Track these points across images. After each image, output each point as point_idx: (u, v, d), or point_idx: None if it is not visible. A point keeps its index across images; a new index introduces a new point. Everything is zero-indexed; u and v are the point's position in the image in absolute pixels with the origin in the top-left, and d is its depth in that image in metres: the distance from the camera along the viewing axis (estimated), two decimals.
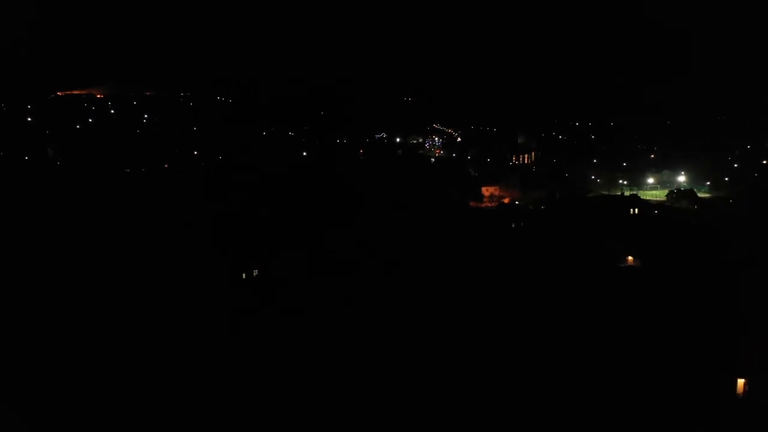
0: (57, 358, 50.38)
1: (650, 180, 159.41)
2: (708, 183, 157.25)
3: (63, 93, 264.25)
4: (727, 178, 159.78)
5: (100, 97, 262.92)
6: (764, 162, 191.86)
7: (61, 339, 53.44)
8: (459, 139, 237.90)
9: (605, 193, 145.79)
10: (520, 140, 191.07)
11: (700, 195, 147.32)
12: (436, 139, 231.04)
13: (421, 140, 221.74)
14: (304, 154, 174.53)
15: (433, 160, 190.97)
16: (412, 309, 62.23)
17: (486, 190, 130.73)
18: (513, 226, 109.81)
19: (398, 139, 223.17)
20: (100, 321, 56.71)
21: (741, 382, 51.28)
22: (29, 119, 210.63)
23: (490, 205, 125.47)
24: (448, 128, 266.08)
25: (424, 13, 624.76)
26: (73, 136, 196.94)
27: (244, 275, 68.23)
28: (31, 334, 54.30)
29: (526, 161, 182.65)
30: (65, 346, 52.31)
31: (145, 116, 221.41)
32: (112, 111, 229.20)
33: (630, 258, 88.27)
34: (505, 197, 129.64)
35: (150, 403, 45.19)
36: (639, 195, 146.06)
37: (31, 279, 66.13)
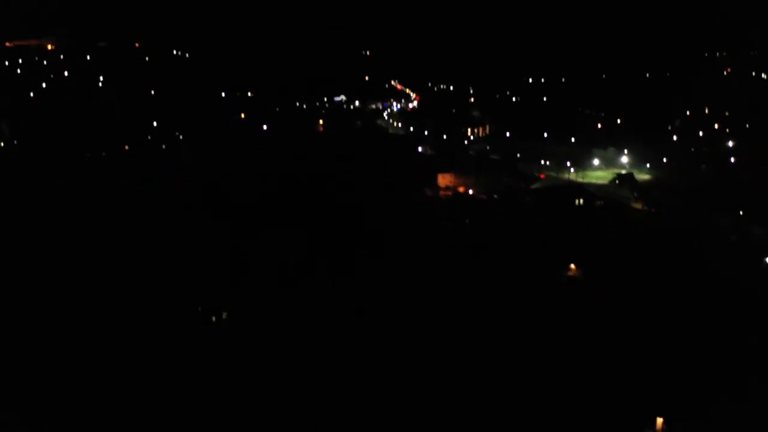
0: None
1: (596, 161, 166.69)
2: (648, 165, 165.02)
3: (12, 44, 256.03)
4: (665, 159, 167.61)
5: (51, 48, 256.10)
6: (701, 133, 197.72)
7: None
8: (416, 103, 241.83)
9: (553, 175, 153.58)
10: (475, 113, 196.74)
11: (640, 177, 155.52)
12: (395, 104, 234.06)
13: (379, 106, 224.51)
14: (265, 127, 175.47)
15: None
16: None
17: (442, 179, 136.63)
18: (467, 221, 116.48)
19: (357, 102, 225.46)
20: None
21: (660, 420, 55.31)
22: None
23: (445, 194, 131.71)
24: (406, 87, 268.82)
25: None
26: (25, 97, 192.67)
27: (214, 318, 66.70)
28: None
29: (481, 135, 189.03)
30: None
31: (100, 77, 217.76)
32: (65, 70, 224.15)
33: (573, 266, 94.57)
34: (460, 185, 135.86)
35: None
36: (585, 178, 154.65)
37: None
